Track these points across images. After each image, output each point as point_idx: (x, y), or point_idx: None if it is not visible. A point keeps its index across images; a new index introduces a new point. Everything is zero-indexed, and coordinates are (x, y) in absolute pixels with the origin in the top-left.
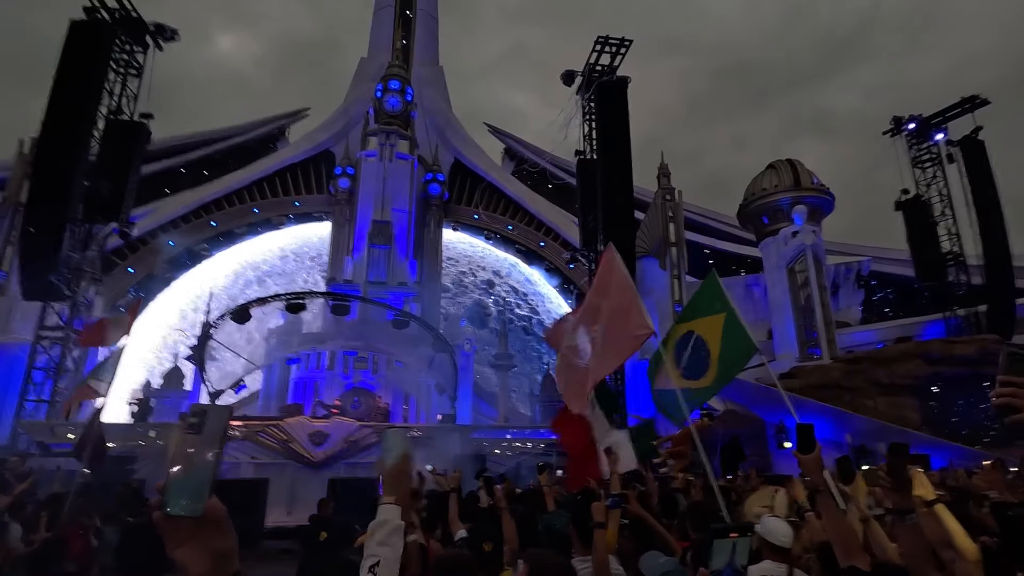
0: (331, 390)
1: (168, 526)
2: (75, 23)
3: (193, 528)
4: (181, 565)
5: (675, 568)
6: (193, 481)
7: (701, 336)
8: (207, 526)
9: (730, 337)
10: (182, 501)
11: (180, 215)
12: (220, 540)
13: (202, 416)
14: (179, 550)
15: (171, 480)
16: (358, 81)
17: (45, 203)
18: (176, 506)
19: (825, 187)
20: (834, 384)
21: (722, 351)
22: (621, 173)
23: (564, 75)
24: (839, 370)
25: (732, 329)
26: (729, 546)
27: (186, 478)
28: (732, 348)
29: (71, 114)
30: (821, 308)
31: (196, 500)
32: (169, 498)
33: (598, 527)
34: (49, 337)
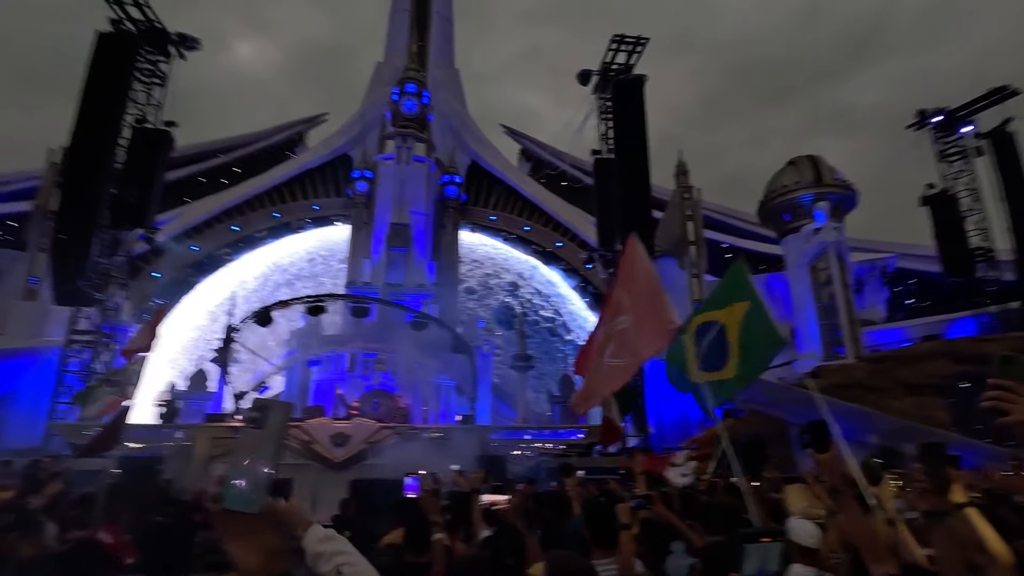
0: (351, 392)
1: (223, 519)
2: (102, 35)
3: (248, 523)
4: (233, 558)
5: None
6: (252, 477)
7: (725, 326)
8: (262, 522)
9: (754, 328)
10: (240, 496)
11: (203, 220)
12: (274, 537)
13: (264, 411)
14: (231, 543)
15: (230, 473)
16: (375, 85)
17: (74, 211)
18: (233, 500)
19: (848, 183)
20: (858, 384)
21: (744, 341)
22: (638, 171)
23: (580, 74)
24: (864, 369)
25: (756, 319)
26: (760, 551)
27: (244, 473)
28: (757, 340)
29: (99, 123)
30: (845, 306)
31: (254, 496)
32: (227, 492)
33: (623, 528)
34: (79, 341)
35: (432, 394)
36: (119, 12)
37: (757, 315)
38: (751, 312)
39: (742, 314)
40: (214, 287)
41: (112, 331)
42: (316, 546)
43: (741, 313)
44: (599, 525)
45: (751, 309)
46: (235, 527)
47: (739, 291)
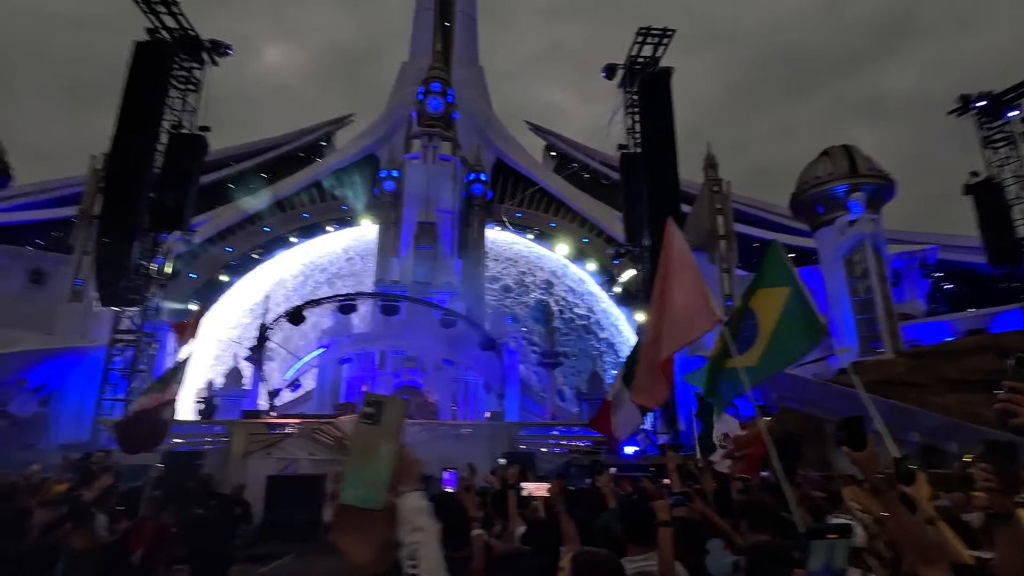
0: (381, 389)
1: (340, 513)
2: (139, 44)
3: (364, 519)
4: (344, 553)
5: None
6: (370, 473)
7: (753, 310)
8: (380, 518)
9: (795, 315)
10: (358, 492)
11: (236, 222)
12: (387, 533)
13: (378, 407)
14: (343, 538)
15: (348, 469)
16: (400, 85)
17: (116, 215)
18: (351, 496)
19: (884, 172)
20: (898, 380)
21: (779, 328)
22: (667, 165)
23: (606, 68)
24: (903, 365)
25: (797, 306)
26: (826, 547)
27: (363, 469)
28: (795, 328)
29: (137, 130)
30: (882, 300)
31: (375, 493)
32: (345, 487)
33: (663, 525)
34: (123, 340)
35: (460, 391)
36: (155, 21)
37: (798, 302)
38: (792, 298)
39: (783, 299)
40: (248, 287)
41: (153, 331)
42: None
43: (781, 298)
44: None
45: (792, 295)
46: (349, 522)
47: (778, 275)
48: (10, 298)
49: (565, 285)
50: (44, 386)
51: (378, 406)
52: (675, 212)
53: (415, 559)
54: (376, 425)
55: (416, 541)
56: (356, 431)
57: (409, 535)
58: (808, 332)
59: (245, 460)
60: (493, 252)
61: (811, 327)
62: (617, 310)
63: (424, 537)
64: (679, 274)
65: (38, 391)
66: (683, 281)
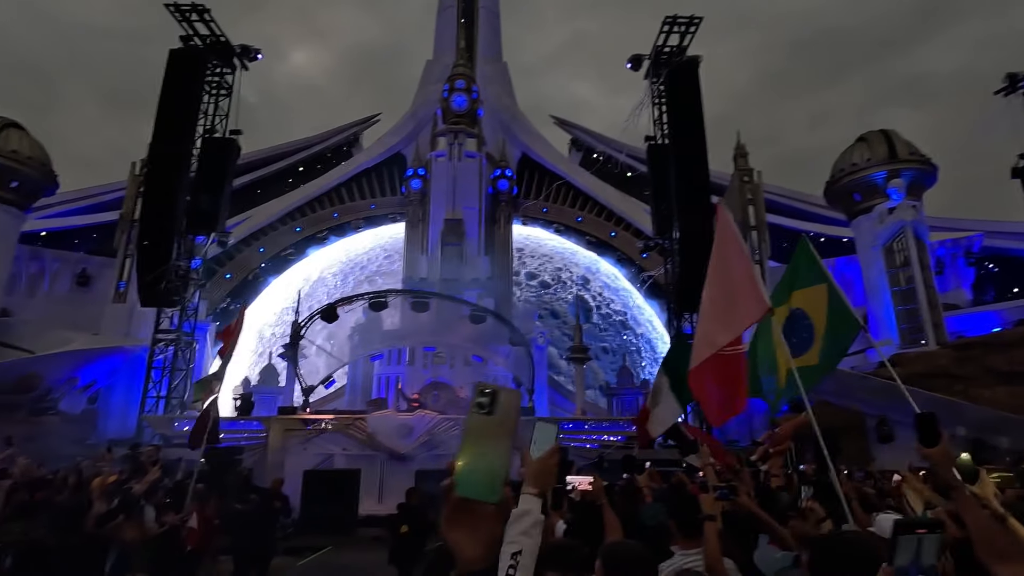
0: (412, 384)
1: (453, 506)
2: (174, 51)
3: (474, 512)
4: (454, 547)
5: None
6: (485, 465)
7: (803, 310)
8: (490, 513)
9: (835, 311)
10: (473, 484)
11: (268, 223)
12: (497, 529)
13: (492, 397)
14: (454, 532)
15: (462, 461)
16: (425, 83)
17: (155, 218)
18: (469, 489)
19: (926, 157)
20: (943, 372)
21: (829, 325)
22: (695, 156)
23: (632, 59)
24: (948, 357)
25: (835, 303)
26: (915, 542)
27: (478, 461)
28: (836, 324)
29: (173, 136)
30: (925, 290)
31: (492, 486)
32: (459, 479)
33: (708, 519)
34: (164, 340)
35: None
36: (188, 29)
37: (835, 298)
38: (831, 294)
39: (824, 297)
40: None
41: (191, 330)
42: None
43: (823, 296)
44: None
45: (830, 290)
46: (462, 516)
47: (811, 272)
48: (59, 300)
49: (600, 281)
50: (93, 384)
51: (491, 396)
52: (705, 203)
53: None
54: (491, 415)
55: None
56: (470, 422)
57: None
58: (848, 328)
59: (282, 455)
60: (529, 249)
61: (849, 323)
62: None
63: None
64: (731, 260)
65: (87, 389)
66: (734, 267)
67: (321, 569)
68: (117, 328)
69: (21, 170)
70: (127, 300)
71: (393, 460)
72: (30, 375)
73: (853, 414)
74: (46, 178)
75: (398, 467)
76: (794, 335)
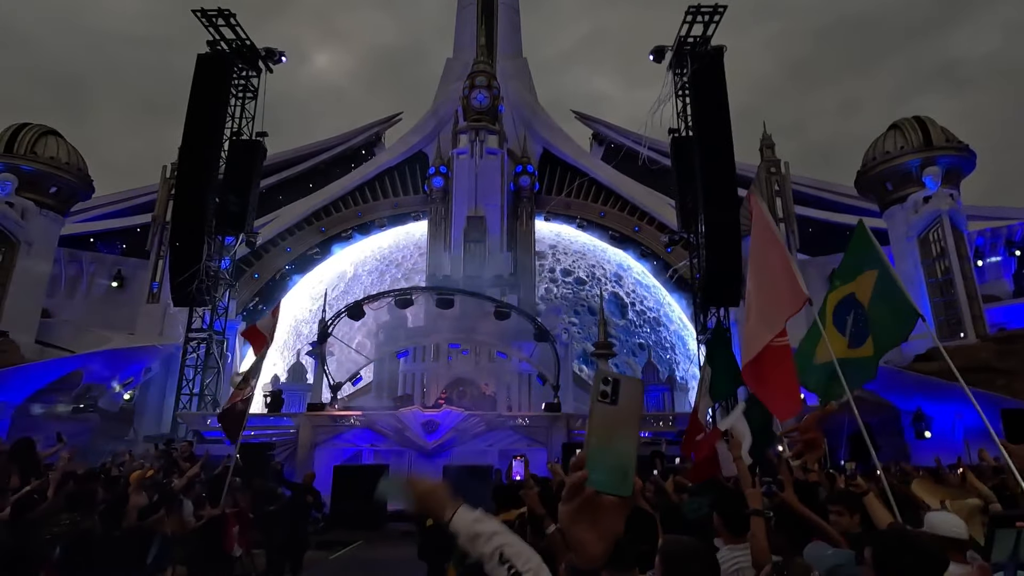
0: (437, 381)
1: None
2: (201, 57)
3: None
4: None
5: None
6: (615, 457)
7: (857, 297)
8: (616, 507)
9: (884, 298)
10: (604, 477)
11: (294, 223)
12: (620, 524)
13: (615, 385)
14: (578, 529)
15: (590, 453)
16: (445, 81)
17: (185, 220)
18: (603, 483)
19: (963, 143)
20: (984, 366)
21: (875, 314)
22: (721, 148)
23: (654, 51)
24: (990, 350)
25: (886, 288)
26: (1013, 537)
27: (605, 452)
28: (888, 312)
29: (202, 139)
30: (963, 281)
31: (623, 479)
32: (590, 472)
33: (755, 514)
34: (196, 338)
35: (515, 382)
36: (214, 34)
37: (887, 283)
38: (880, 281)
39: (872, 283)
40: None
41: (222, 328)
42: (472, 526)
43: (871, 283)
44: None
45: (880, 277)
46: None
47: (866, 256)
48: (97, 301)
49: (632, 278)
50: (130, 382)
51: (614, 384)
52: (731, 196)
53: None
54: (614, 405)
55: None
56: (595, 412)
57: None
58: (904, 316)
59: (312, 451)
60: (561, 246)
61: (906, 310)
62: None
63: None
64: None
65: (124, 387)
66: (772, 259)
67: (352, 563)
68: (151, 327)
69: (59, 176)
70: (160, 300)
71: (420, 455)
72: (71, 374)
73: (888, 409)
74: (83, 183)
75: (425, 462)
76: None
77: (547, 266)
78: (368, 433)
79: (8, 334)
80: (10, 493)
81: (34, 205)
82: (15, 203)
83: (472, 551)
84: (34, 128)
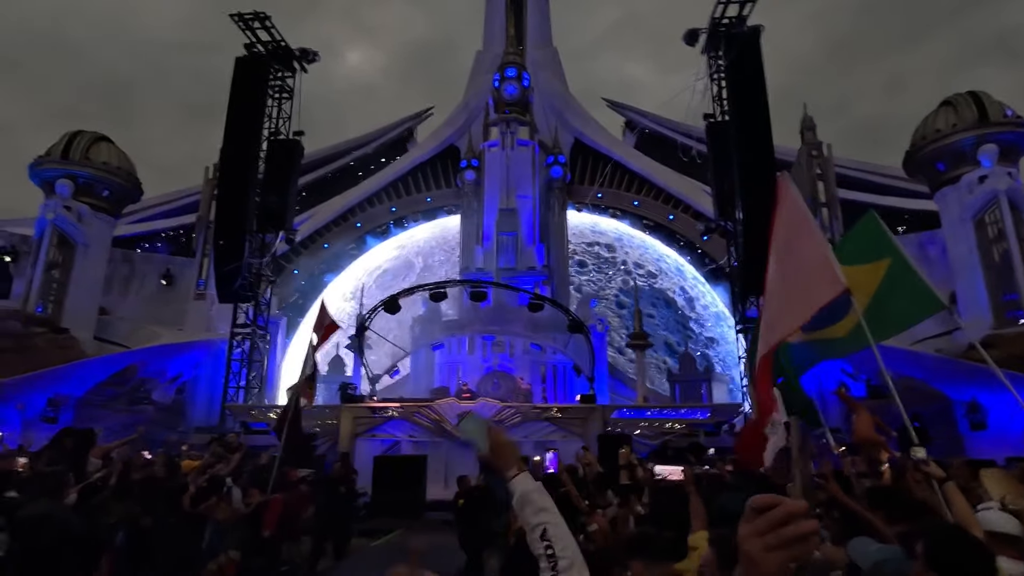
0: (472, 373)
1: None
2: (239, 59)
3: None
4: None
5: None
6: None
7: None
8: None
9: (895, 285)
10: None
11: (331, 220)
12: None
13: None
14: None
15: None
16: (476, 74)
17: (228, 219)
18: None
19: (1022, 118)
20: None
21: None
22: (759, 132)
23: (687, 34)
24: None
25: (901, 278)
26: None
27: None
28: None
29: (242, 140)
30: (1023, 264)
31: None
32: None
33: None
34: (241, 333)
35: (549, 374)
36: (251, 36)
37: (901, 271)
38: (894, 269)
39: (882, 272)
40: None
41: (265, 323)
42: (529, 493)
43: (881, 272)
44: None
45: (893, 266)
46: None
47: (878, 246)
48: (148, 299)
49: (673, 269)
50: (180, 376)
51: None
52: (770, 182)
53: (548, 539)
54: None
55: (544, 521)
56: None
57: (533, 518)
58: (916, 304)
59: (353, 441)
60: (606, 240)
61: (920, 299)
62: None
63: (551, 517)
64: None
65: (175, 380)
66: (804, 244)
67: (393, 550)
68: (199, 323)
69: (111, 180)
70: (207, 297)
71: (457, 446)
72: (127, 368)
73: (940, 399)
74: (133, 186)
75: (463, 453)
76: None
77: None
78: (406, 424)
79: (70, 331)
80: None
81: (89, 209)
82: (72, 207)
83: (519, 515)
84: (87, 135)
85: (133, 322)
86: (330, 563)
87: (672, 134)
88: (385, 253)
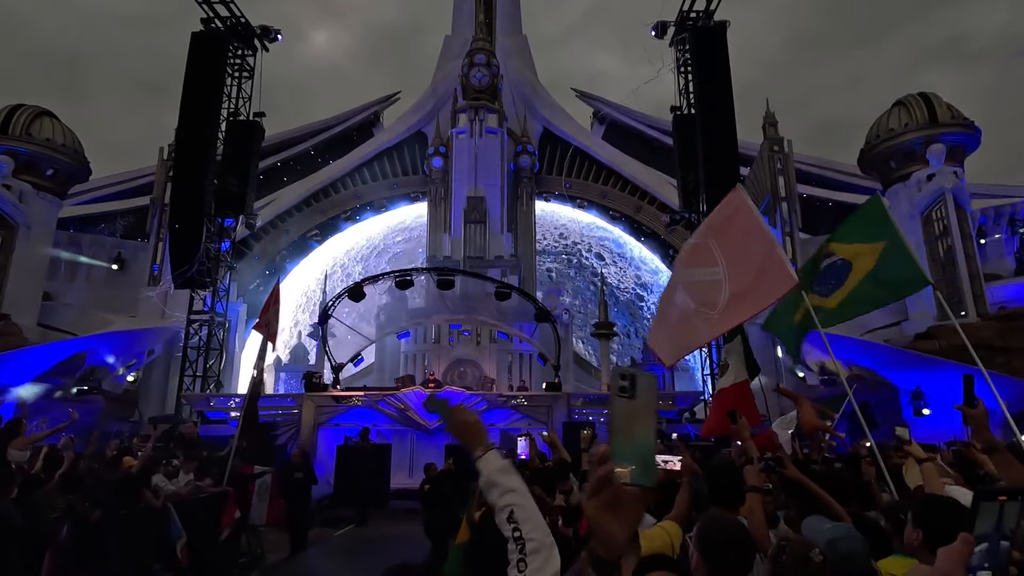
0: (438, 362)
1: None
2: (195, 35)
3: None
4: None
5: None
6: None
7: (847, 259)
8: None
9: (888, 266)
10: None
11: (293, 205)
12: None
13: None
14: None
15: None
16: (444, 60)
17: (185, 202)
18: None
19: (968, 120)
20: (984, 344)
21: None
22: (723, 126)
23: (656, 26)
24: (991, 329)
25: (894, 258)
26: (996, 509)
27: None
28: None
29: (199, 119)
30: (965, 260)
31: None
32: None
33: (752, 491)
34: (198, 320)
35: (516, 363)
36: (208, 11)
37: (895, 253)
38: (888, 251)
39: (877, 255)
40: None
41: (224, 310)
42: (495, 473)
43: (876, 253)
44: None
45: (888, 249)
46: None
47: (875, 229)
48: (98, 284)
49: (639, 260)
50: (132, 364)
51: (631, 379)
52: (733, 175)
53: (515, 521)
54: (633, 399)
55: (511, 503)
56: (614, 406)
57: (500, 499)
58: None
59: (316, 431)
60: (573, 229)
61: (910, 276)
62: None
63: (519, 498)
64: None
65: (128, 369)
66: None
67: (357, 539)
68: (153, 310)
69: (56, 158)
70: (161, 282)
71: (422, 435)
72: (74, 356)
73: (887, 387)
74: (80, 165)
75: (427, 442)
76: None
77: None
78: (370, 413)
79: (10, 317)
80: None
81: (31, 188)
82: (12, 186)
83: (487, 495)
84: (29, 109)
85: (81, 308)
86: (286, 554)
87: (640, 126)
88: (350, 239)
